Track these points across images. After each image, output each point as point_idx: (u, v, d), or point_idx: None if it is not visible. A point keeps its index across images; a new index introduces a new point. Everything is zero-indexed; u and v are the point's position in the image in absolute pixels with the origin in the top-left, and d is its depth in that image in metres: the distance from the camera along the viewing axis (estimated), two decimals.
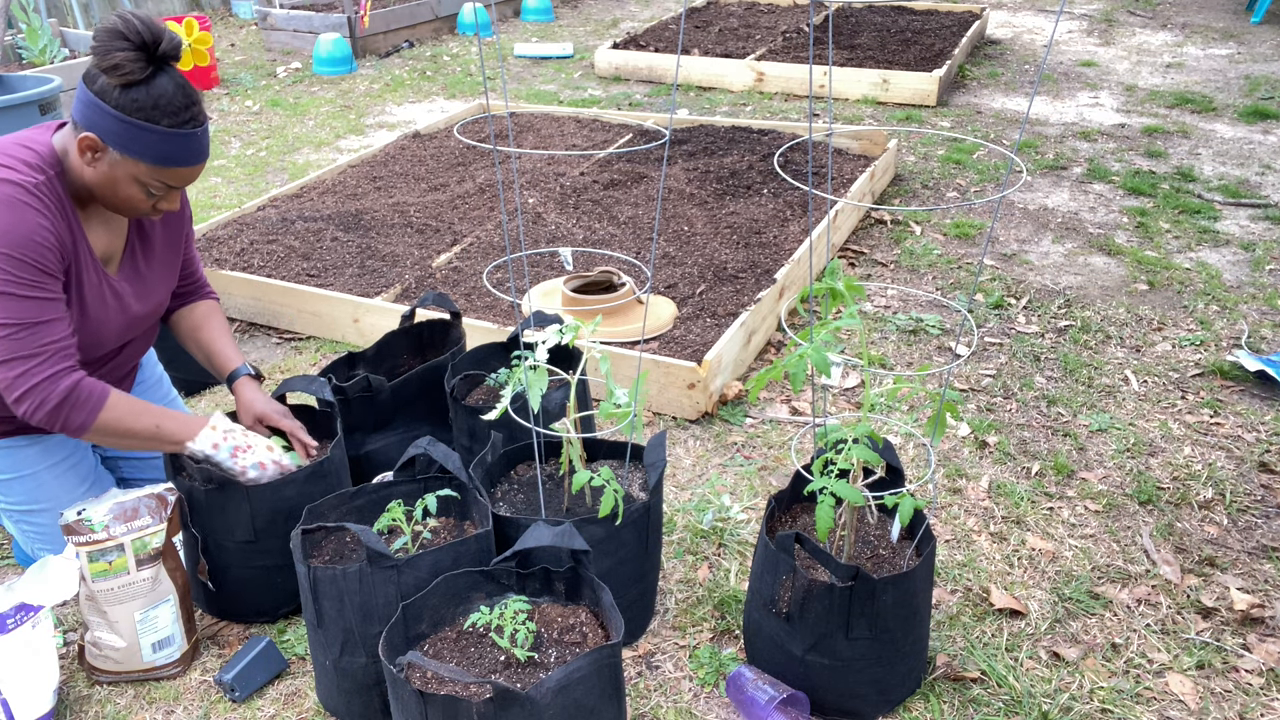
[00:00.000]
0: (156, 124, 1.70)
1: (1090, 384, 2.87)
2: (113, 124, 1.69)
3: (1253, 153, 4.76)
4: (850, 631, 1.68)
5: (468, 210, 3.99)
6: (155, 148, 1.71)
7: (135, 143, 1.70)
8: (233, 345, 2.19)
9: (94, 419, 1.79)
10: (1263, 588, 2.10)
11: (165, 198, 1.81)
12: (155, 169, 1.74)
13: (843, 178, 4.20)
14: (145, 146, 1.71)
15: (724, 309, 3.10)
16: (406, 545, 1.79)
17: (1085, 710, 1.81)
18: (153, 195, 1.79)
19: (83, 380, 1.77)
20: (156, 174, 1.75)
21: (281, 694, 1.89)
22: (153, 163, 1.73)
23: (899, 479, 1.89)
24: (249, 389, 2.10)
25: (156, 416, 1.88)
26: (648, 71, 6.37)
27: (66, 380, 1.75)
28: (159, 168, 1.74)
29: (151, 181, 1.76)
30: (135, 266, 1.98)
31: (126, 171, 1.74)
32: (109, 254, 1.93)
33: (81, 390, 1.76)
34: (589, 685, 1.47)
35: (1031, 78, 6.14)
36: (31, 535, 2.06)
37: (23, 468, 1.99)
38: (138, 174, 1.74)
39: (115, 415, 1.81)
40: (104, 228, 1.90)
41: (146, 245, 2.01)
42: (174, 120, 1.71)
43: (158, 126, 1.70)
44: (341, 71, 6.72)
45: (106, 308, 1.91)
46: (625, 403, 1.84)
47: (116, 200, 1.79)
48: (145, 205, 1.80)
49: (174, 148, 1.73)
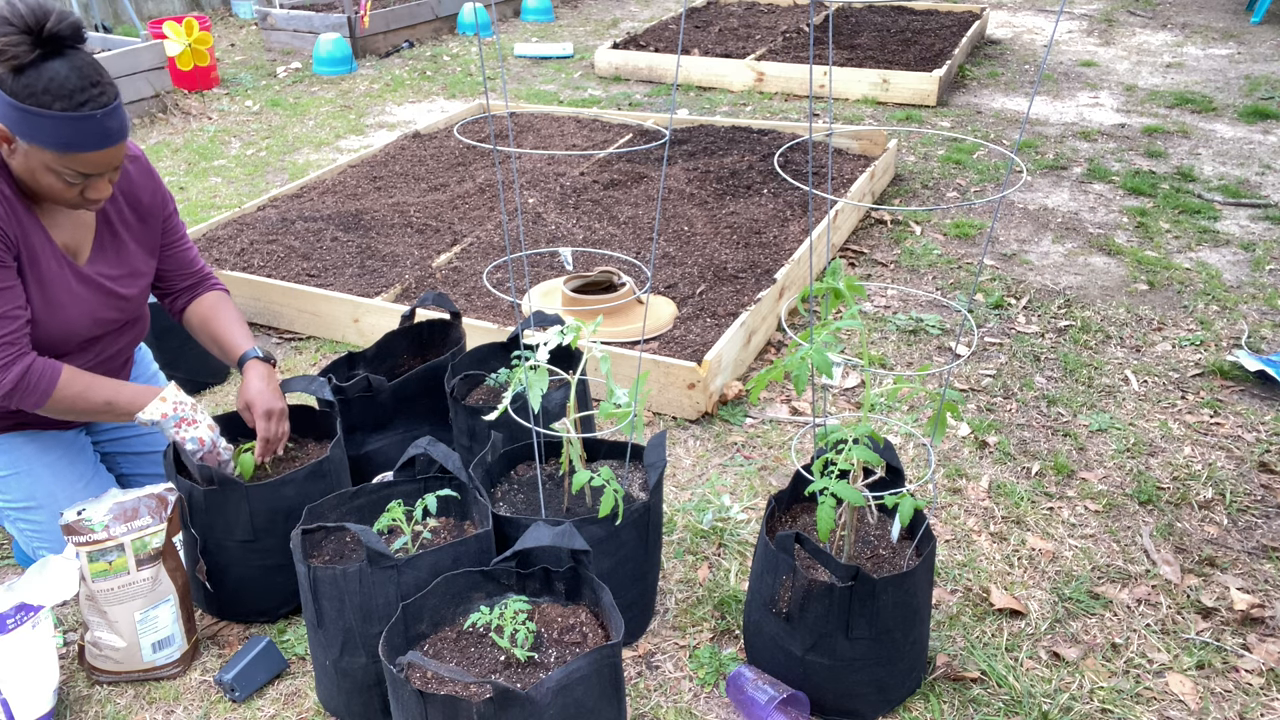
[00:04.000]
0: (49, 109, 1.63)
1: (1090, 384, 2.87)
2: (11, 112, 1.64)
3: (1253, 153, 4.76)
4: (850, 631, 1.68)
5: (468, 210, 3.99)
6: (53, 133, 1.65)
7: (34, 130, 1.65)
8: (244, 331, 2.14)
9: (47, 399, 1.84)
10: (1263, 588, 2.10)
11: (90, 186, 1.75)
12: (60, 156, 1.67)
13: (843, 178, 4.20)
14: (43, 133, 1.65)
15: (724, 309, 3.10)
16: (406, 545, 1.79)
17: (1085, 710, 1.81)
18: (71, 184, 1.72)
19: (32, 364, 1.81)
20: (63, 161, 1.68)
21: (281, 694, 1.89)
22: (55, 149, 1.66)
23: (899, 479, 1.89)
24: (253, 372, 2.06)
25: (110, 392, 1.90)
26: (648, 71, 6.37)
27: (17, 367, 1.79)
28: (62, 154, 1.67)
29: (62, 169, 1.69)
30: (105, 256, 1.98)
31: (38, 160, 1.69)
32: (75, 244, 1.93)
33: (31, 375, 1.81)
34: (589, 685, 1.47)
35: (1031, 78, 6.14)
36: (30, 534, 2.06)
37: (19, 464, 1.99)
38: (46, 162, 1.68)
39: (69, 394, 1.85)
40: (66, 218, 1.90)
41: (116, 235, 2.00)
42: (68, 103, 1.63)
43: (50, 111, 1.63)
44: (341, 71, 6.72)
45: (75, 296, 1.91)
46: (625, 403, 1.84)
47: (40, 191, 1.75)
48: (70, 195, 1.75)
49: (73, 132, 1.65)
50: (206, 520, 1.93)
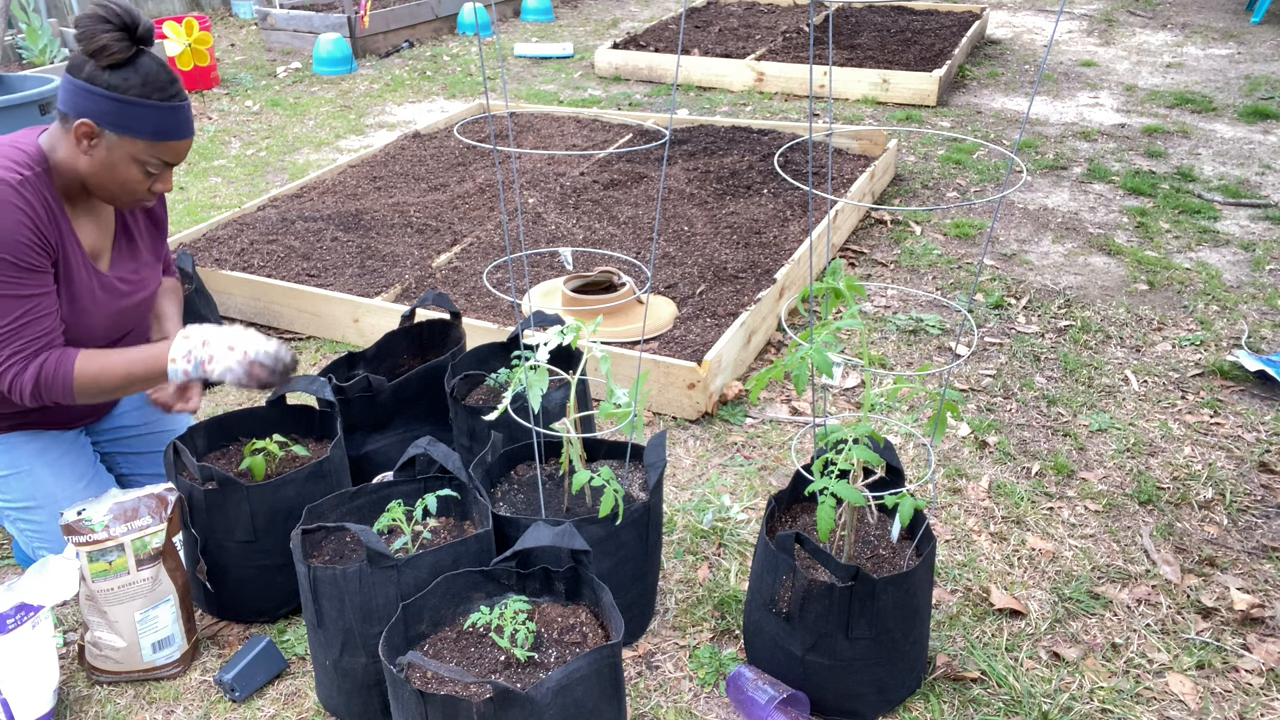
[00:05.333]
0: (149, 99, 1.76)
1: (1090, 384, 2.87)
2: (107, 105, 1.74)
3: (1253, 153, 4.76)
4: (850, 631, 1.68)
5: (468, 210, 3.99)
6: (151, 122, 1.77)
7: (132, 120, 1.76)
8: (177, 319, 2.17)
9: (71, 387, 1.82)
10: (1263, 588, 2.10)
11: (160, 178, 1.87)
12: (153, 145, 1.79)
13: (843, 178, 4.20)
14: (141, 122, 1.76)
15: (724, 309, 3.10)
16: (406, 545, 1.79)
17: (1085, 710, 1.81)
18: (150, 174, 1.84)
19: (45, 361, 1.80)
20: (154, 150, 1.80)
21: (281, 694, 1.89)
22: (150, 138, 1.78)
23: (899, 479, 1.89)
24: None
25: (124, 364, 1.86)
26: (648, 71, 6.37)
27: (30, 367, 1.78)
28: (156, 143, 1.79)
29: (149, 158, 1.81)
30: (123, 260, 2.01)
31: (125, 152, 1.79)
32: (98, 250, 1.96)
33: (45, 371, 1.79)
34: (589, 685, 1.47)
35: (1031, 78, 6.14)
36: (30, 534, 2.06)
37: (19, 464, 1.99)
38: (135, 152, 1.79)
39: (88, 377, 1.83)
40: (93, 224, 1.94)
41: (131, 239, 2.04)
42: (164, 94, 1.77)
43: (150, 101, 1.76)
44: (341, 71, 6.72)
45: (96, 302, 1.93)
46: (625, 403, 1.84)
47: (115, 185, 1.83)
48: (143, 187, 1.85)
49: (168, 121, 1.79)
50: (206, 520, 1.93)
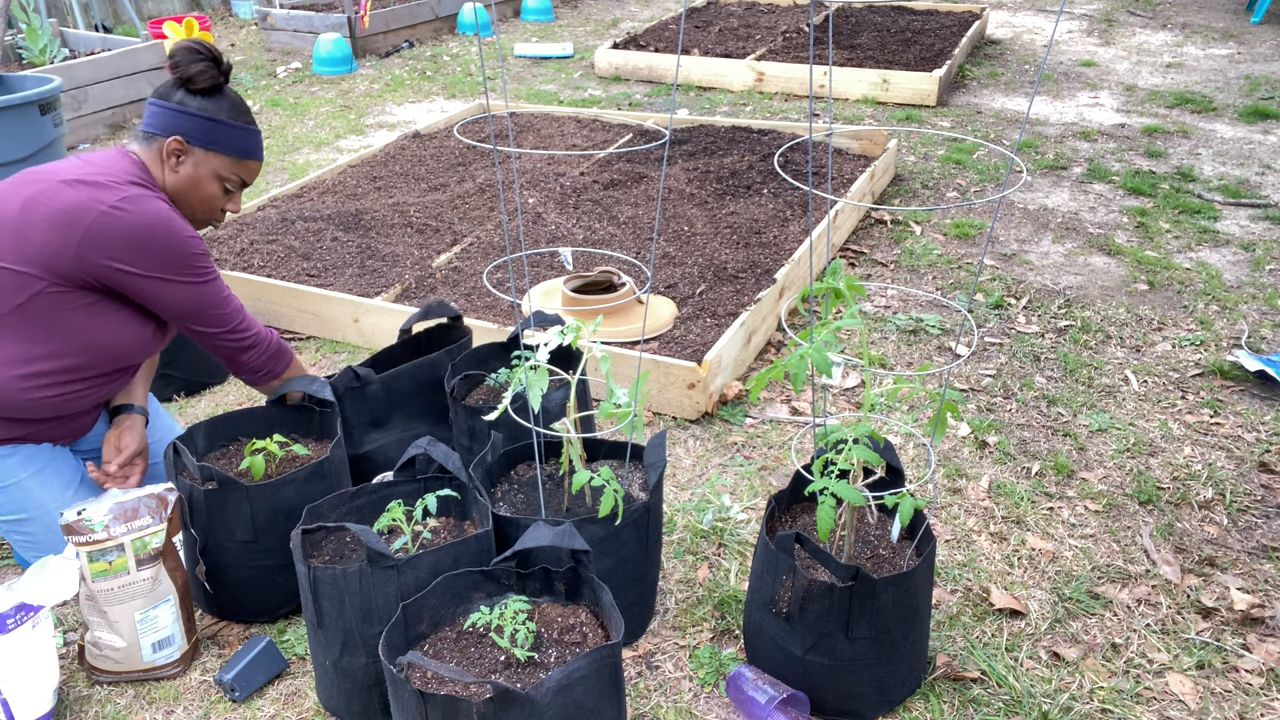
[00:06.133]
0: (235, 121, 2.00)
1: (1090, 384, 2.87)
2: (197, 125, 1.96)
3: (1253, 153, 4.76)
4: (850, 631, 1.68)
5: (468, 210, 3.99)
6: (235, 142, 2.01)
7: (219, 138, 1.98)
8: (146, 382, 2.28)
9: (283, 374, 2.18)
10: (1263, 588, 2.10)
11: (235, 197, 2.09)
12: (235, 162, 2.02)
13: (843, 178, 4.20)
14: (227, 141, 1.99)
15: (724, 309, 3.10)
16: (406, 545, 1.79)
17: (1085, 710, 1.81)
18: (228, 192, 2.06)
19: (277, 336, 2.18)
20: (235, 167, 2.03)
21: (281, 694, 1.89)
22: (236, 156, 2.02)
23: (899, 479, 1.89)
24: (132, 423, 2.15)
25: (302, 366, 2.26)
26: (648, 71, 6.37)
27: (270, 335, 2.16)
28: (238, 160, 2.03)
29: (230, 175, 2.03)
30: None
31: (209, 168, 2.00)
32: None
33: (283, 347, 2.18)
34: (589, 685, 1.47)
35: (1031, 78, 6.14)
36: (24, 544, 2.07)
37: (6, 478, 1.99)
38: (219, 168, 2.01)
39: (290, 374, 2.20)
40: None
41: None
42: (246, 119, 2.02)
43: (236, 123, 2.00)
44: (341, 71, 6.72)
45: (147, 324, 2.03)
46: (625, 403, 1.84)
47: (196, 199, 2.03)
48: (218, 204, 2.06)
49: (248, 142, 2.04)
50: (206, 520, 1.93)
